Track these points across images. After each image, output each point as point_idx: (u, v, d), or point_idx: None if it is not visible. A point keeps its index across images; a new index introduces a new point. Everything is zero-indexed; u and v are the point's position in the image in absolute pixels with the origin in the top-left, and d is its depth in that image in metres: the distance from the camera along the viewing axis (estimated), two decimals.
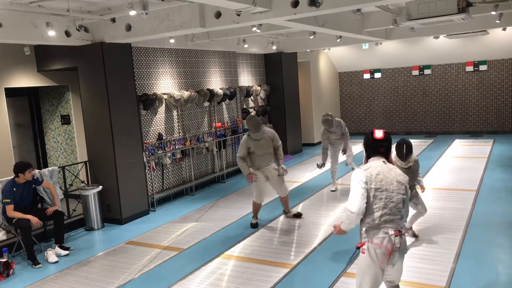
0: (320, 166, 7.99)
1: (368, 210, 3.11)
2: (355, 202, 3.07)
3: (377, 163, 3.19)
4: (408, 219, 5.32)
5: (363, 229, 3.16)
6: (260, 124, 6.39)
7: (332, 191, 8.44)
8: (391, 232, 3.07)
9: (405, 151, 5.05)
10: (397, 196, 3.12)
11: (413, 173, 5.25)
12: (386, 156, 3.27)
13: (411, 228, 5.67)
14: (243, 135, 10.65)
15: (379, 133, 3.21)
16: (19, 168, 5.91)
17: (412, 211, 5.45)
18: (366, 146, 3.32)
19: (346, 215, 3.16)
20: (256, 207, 6.75)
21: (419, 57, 14.33)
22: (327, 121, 7.97)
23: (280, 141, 6.66)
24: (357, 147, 11.74)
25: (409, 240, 5.59)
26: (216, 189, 9.29)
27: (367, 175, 3.12)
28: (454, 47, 13.45)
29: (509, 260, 4.94)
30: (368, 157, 3.30)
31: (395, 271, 3.26)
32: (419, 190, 5.65)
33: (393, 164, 3.32)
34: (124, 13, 6.13)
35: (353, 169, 8.88)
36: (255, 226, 6.64)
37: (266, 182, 6.62)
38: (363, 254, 3.17)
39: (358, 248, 3.20)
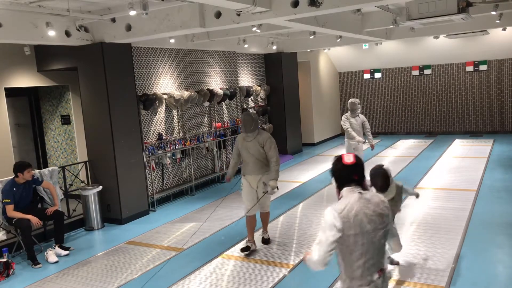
0: (360, 142, 8.08)
1: (347, 258, 2.58)
2: (320, 251, 2.54)
3: (353, 198, 2.56)
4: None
5: (348, 278, 2.62)
6: (252, 124, 5.42)
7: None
8: (376, 276, 2.59)
9: (381, 184, 4.33)
10: (378, 233, 2.57)
11: (395, 205, 4.47)
12: (361, 183, 2.64)
13: (388, 256, 4.80)
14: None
15: (349, 158, 2.63)
16: (18, 168, 5.91)
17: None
18: (335, 175, 2.67)
19: (311, 258, 2.62)
20: (249, 223, 5.68)
21: (419, 57, 14.33)
22: (352, 103, 8.24)
23: (276, 154, 5.57)
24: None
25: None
26: (216, 189, 9.28)
27: (344, 220, 2.50)
28: (454, 47, 13.45)
29: (509, 260, 4.94)
30: (339, 187, 2.65)
31: None
32: (399, 207, 4.71)
33: (368, 189, 2.72)
34: (124, 13, 6.13)
35: None
36: (245, 250, 5.54)
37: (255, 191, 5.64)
38: None
39: None
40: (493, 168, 9.32)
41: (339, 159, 2.66)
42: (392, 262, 4.85)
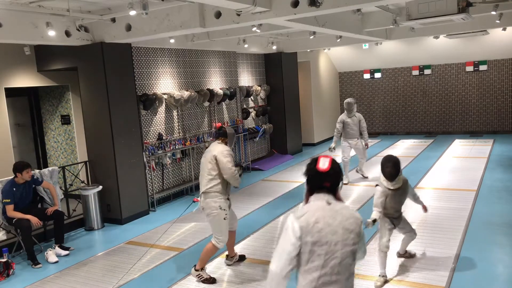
0: (331, 149, 8.44)
1: (302, 268, 2.35)
2: (279, 260, 2.35)
3: (317, 205, 2.37)
4: (400, 245, 5.04)
5: None
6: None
7: (344, 184, 8.57)
8: None
9: (390, 171, 4.47)
10: (342, 249, 2.28)
11: (401, 196, 4.60)
12: (334, 191, 2.42)
13: (405, 252, 5.08)
14: (243, 135, 10.75)
15: (324, 163, 2.43)
16: (17, 168, 5.91)
17: (401, 236, 4.99)
18: (307, 178, 2.49)
19: (270, 269, 2.37)
20: (214, 252, 4.93)
21: (419, 57, 14.33)
22: (348, 103, 8.47)
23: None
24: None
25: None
26: None
27: (302, 225, 2.30)
28: (454, 47, 13.44)
29: (509, 260, 4.94)
30: (310, 192, 2.47)
31: None
32: (406, 215, 4.84)
33: (341, 200, 2.45)
34: (124, 13, 6.13)
35: (362, 176, 9.04)
36: (214, 281, 4.89)
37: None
38: None
39: None
40: (493, 168, 9.32)
41: (314, 161, 2.48)
42: (410, 254, 5.08)
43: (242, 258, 5.41)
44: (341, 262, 2.29)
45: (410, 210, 6.85)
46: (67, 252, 6.09)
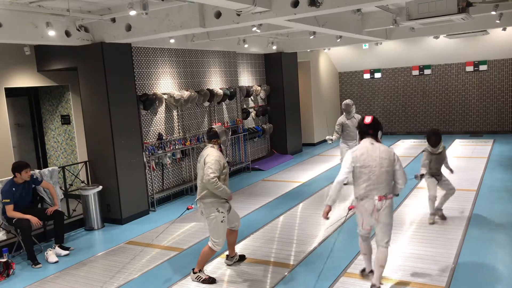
0: (330, 140, 8.42)
1: (356, 182, 4.14)
2: (339, 175, 4.15)
3: (363, 145, 4.14)
4: (438, 201, 6.18)
5: (355, 197, 4.19)
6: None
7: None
8: (376, 197, 4.06)
9: (434, 140, 5.99)
10: (380, 169, 4.04)
11: (442, 158, 6.18)
12: (375, 137, 4.16)
13: (441, 209, 6.25)
14: (243, 135, 10.75)
15: (368, 119, 4.18)
16: (16, 168, 5.90)
17: (441, 193, 6.20)
18: (359, 129, 4.28)
19: (336, 179, 4.18)
20: (211, 255, 4.95)
21: (419, 57, 14.33)
22: (347, 105, 8.44)
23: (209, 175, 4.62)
24: None
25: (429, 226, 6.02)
26: None
27: (353, 156, 4.10)
28: (454, 47, 13.45)
29: (509, 260, 4.94)
30: (361, 138, 4.22)
31: (382, 222, 4.15)
32: (446, 173, 6.35)
33: (380, 142, 4.18)
34: (124, 13, 6.13)
35: None
36: (214, 281, 4.87)
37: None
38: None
39: (350, 209, 4.46)
40: (493, 168, 9.32)
41: (362, 119, 4.23)
42: (443, 215, 6.29)
43: (242, 258, 5.41)
44: (379, 177, 4.06)
45: (410, 210, 6.87)
46: (67, 252, 6.08)
